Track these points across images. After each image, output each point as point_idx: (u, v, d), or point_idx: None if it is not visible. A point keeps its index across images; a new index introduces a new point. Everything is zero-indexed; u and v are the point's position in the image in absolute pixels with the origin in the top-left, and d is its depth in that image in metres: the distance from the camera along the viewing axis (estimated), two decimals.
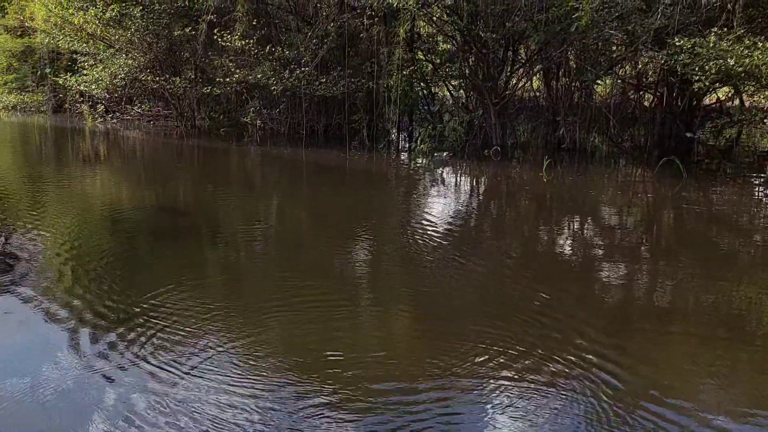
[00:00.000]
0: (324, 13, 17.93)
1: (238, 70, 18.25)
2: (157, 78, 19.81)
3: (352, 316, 5.49)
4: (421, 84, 19.85)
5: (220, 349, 4.69)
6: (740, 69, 12.96)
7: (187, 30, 19.07)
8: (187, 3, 19.21)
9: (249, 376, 4.28)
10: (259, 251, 7.67)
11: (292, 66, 17.70)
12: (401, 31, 16.18)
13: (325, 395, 4.06)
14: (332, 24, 17.56)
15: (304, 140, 18.35)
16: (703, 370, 4.53)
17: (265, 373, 4.32)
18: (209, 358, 4.53)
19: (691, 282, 6.57)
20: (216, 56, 19.24)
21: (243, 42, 17.97)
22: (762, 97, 18.37)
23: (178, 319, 5.17)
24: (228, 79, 18.32)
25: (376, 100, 18.08)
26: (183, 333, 4.90)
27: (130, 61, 19.88)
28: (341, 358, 4.58)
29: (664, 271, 6.94)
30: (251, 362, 4.50)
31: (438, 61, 19.59)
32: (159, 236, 8.19)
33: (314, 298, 5.82)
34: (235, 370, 4.36)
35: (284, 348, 4.80)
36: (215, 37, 18.27)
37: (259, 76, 17.85)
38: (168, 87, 20.02)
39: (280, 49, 18.07)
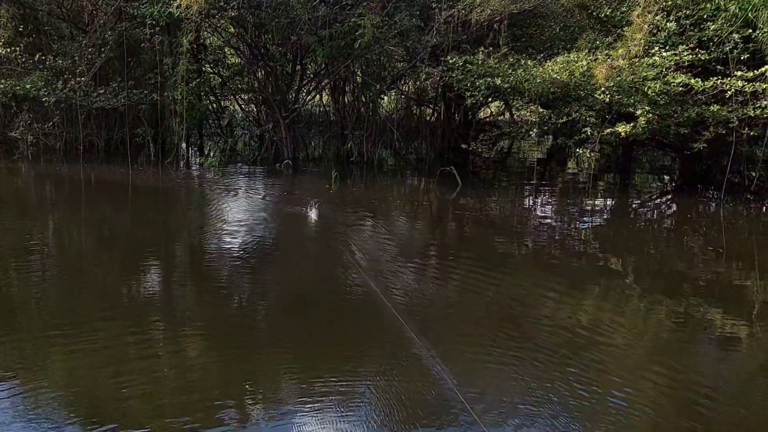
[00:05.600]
0: (101, 21, 16.89)
1: (3, 80, 16.62)
2: None
3: (143, 344, 5.16)
4: (210, 97, 19.40)
5: None
6: (506, 86, 14.07)
7: None
8: None
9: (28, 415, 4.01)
10: (33, 281, 6.84)
11: (66, 76, 16.44)
12: (184, 41, 15.69)
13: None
14: (110, 32, 16.57)
15: (83, 156, 17.09)
16: None
17: (47, 415, 4.00)
18: None
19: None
20: None
21: (8, 50, 16.46)
22: (528, 111, 20.17)
23: None
24: None
25: (161, 113, 17.32)
26: None
27: None
28: (132, 390, 4.34)
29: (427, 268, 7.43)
30: (30, 399, 4.16)
31: (227, 74, 19.24)
32: None
33: (101, 327, 5.42)
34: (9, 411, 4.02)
35: (66, 381, 4.43)
36: None
37: (28, 86, 16.33)
38: None
39: (52, 57, 16.72)
